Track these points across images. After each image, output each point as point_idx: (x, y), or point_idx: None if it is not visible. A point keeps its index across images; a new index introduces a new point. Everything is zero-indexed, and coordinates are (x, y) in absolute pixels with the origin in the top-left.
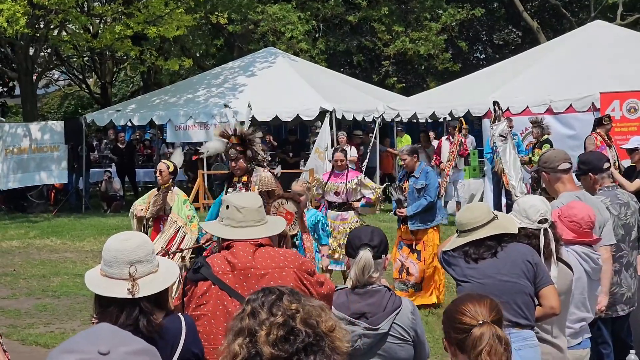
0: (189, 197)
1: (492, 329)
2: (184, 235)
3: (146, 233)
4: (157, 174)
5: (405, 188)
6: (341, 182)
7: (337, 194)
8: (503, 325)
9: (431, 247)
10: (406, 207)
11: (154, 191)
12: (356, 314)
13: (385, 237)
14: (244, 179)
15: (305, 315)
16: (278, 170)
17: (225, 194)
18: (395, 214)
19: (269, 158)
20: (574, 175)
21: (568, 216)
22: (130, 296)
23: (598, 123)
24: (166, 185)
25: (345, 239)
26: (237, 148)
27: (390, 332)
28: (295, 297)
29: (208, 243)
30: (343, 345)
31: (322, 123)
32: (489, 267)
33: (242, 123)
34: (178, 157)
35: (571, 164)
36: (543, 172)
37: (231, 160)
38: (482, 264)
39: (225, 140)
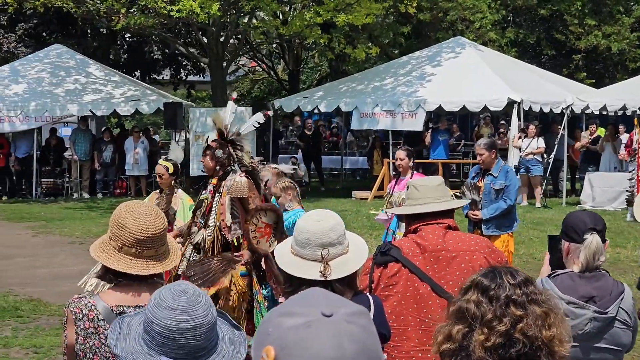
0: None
1: None
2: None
3: None
4: (157, 179)
5: (480, 187)
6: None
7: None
8: None
9: (505, 255)
10: (481, 209)
11: (155, 194)
12: (585, 297)
13: (605, 222)
14: (213, 181)
15: (527, 326)
16: (267, 175)
17: (199, 196)
18: (467, 216)
19: (262, 166)
20: None
21: None
22: (322, 278)
23: None
24: (168, 187)
25: None
26: (212, 143)
27: (616, 317)
28: (521, 301)
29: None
30: (562, 349)
31: (510, 114)
32: None
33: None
34: (178, 153)
35: None
36: None
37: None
38: None
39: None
